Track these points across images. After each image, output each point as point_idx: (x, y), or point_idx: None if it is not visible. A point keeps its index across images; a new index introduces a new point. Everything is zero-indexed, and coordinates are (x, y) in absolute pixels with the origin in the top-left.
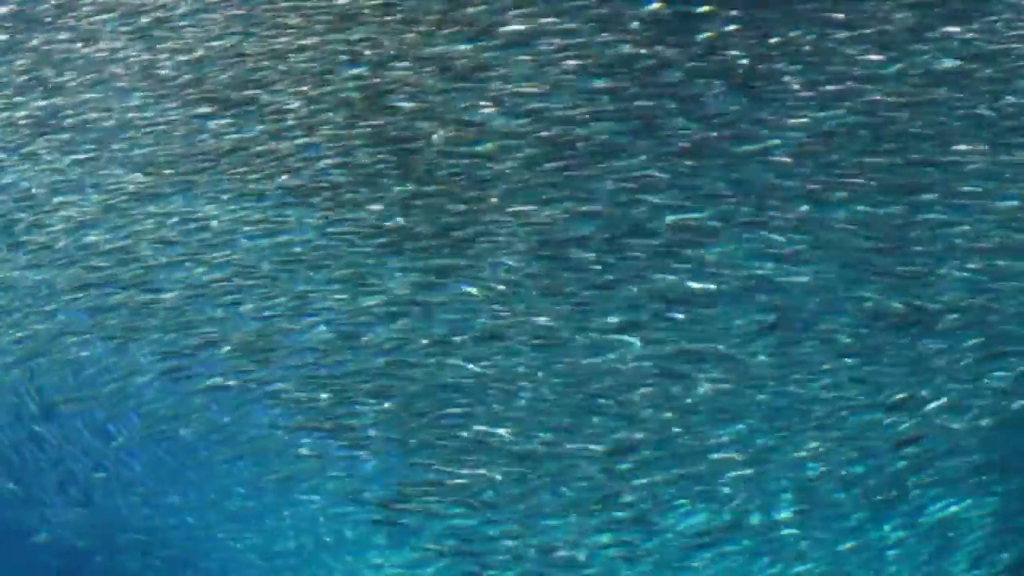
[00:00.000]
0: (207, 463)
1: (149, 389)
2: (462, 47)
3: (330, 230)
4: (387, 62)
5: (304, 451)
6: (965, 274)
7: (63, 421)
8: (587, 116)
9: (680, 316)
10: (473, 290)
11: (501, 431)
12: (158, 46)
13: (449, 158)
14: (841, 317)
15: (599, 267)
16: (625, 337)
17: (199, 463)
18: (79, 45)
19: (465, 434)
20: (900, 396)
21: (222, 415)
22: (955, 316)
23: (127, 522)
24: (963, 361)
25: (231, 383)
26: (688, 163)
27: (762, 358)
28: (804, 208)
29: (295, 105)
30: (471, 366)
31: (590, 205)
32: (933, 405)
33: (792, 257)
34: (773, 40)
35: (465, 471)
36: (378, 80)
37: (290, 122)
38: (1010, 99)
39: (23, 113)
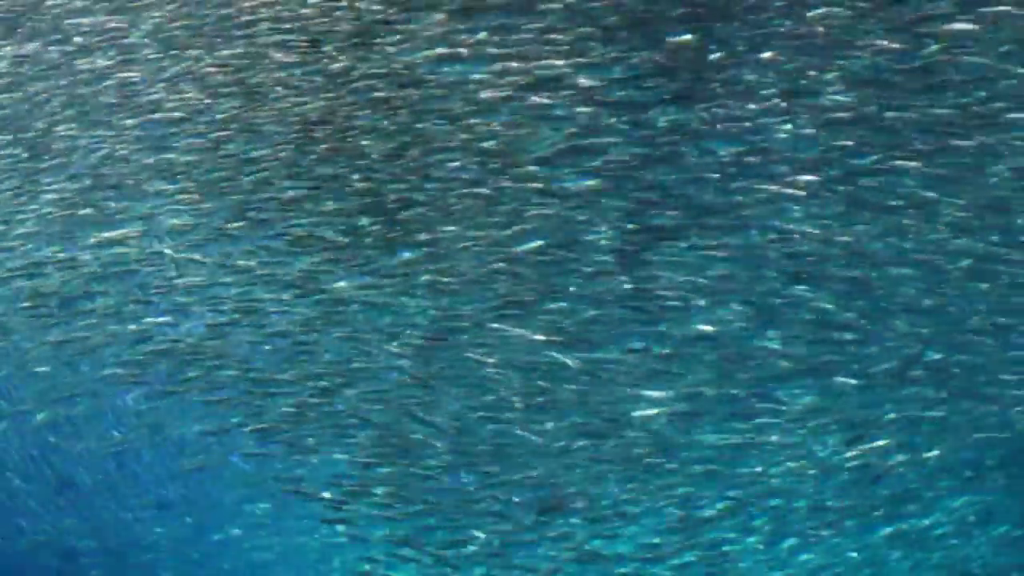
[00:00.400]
0: (160, 469)
1: (103, 399)
2: (407, 60)
3: (281, 240)
4: (337, 79)
5: (253, 453)
6: (916, 284)
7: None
8: (530, 129)
9: (628, 329)
10: (414, 300)
11: (449, 428)
12: (115, 66)
13: (395, 169)
14: (791, 326)
15: (548, 279)
16: (563, 351)
17: (153, 471)
18: (26, 67)
19: (414, 435)
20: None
21: (171, 422)
22: (906, 322)
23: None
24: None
25: (178, 390)
26: (633, 175)
27: (708, 368)
28: (750, 219)
29: (247, 120)
30: (420, 371)
31: (537, 211)
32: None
33: (741, 266)
34: (717, 55)
35: (414, 471)
36: (329, 95)
37: (242, 137)
38: (947, 109)
39: None
